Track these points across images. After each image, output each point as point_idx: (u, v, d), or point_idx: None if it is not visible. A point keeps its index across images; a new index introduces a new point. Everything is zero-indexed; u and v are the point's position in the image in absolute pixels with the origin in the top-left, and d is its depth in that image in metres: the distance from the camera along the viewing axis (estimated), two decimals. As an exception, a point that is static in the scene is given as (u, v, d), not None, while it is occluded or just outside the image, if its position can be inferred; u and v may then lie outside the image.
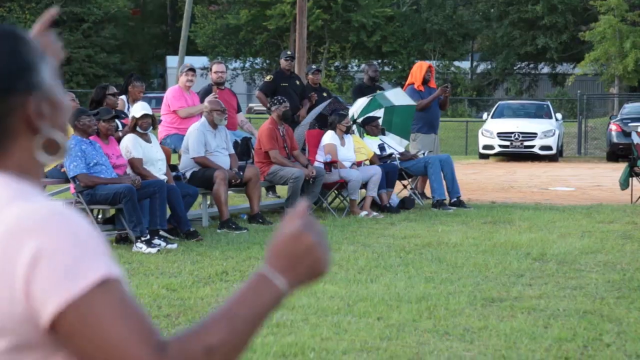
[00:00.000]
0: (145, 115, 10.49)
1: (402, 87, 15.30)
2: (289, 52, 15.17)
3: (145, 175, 10.20)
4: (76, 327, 1.42)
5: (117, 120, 10.62)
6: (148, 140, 10.56)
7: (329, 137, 12.91)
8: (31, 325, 1.43)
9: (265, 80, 14.74)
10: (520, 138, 26.43)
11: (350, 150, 12.99)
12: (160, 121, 12.61)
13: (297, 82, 14.50)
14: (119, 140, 10.59)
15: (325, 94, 14.80)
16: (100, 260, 1.45)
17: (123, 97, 12.04)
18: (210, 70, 13.48)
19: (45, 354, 1.46)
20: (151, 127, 10.69)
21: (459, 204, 13.41)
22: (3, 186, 1.51)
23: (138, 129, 10.52)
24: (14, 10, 48.36)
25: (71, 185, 10.00)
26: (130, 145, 10.40)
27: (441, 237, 10.59)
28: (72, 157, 9.57)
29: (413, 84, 14.93)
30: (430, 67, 15.22)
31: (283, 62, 14.51)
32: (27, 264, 1.41)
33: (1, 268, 1.43)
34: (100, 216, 10.77)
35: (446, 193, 13.55)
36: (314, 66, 15.87)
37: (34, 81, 1.54)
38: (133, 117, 10.55)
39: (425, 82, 14.88)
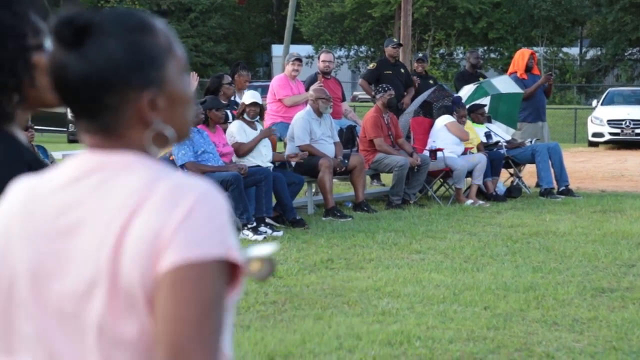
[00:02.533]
0: (254, 104, 10.58)
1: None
2: (394, 40, 15.09)
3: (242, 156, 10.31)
4: (168, 288, 1.46)
5: (227, 110, 10.75)
6: (254, 128, 10.65)
7: (447, 117, 12.81)
8: (151, 274, 1.47)
9: (369, 68, 14.69)
10: (632, 125, 25.82)
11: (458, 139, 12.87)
12: (266, 109, 12.70)
13: (402, 70, 14.41)
14: (226, 130, 10.71)
15: (430, 82, 14.69)
16: (231, 243, 1.51)
17: (231, 85, 12.15)
18: (318, 59, 13.51)
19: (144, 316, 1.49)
20: (258, 116, 10.78)
21: (568, 192, 13.17)
22: (146, 165, 1.56)
23: (245, 116, 10.61)
24: (124, 0, 49.33)
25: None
26: (235, 130, 10.50)
27: (549, 226, 10.42)
28: (181, 146, 9.71)
29: (516, 72, 14.70)
30: (532, 54, 14.95)
31: (390, 50, 14.42)
32: (185, 209, 1.48)
33: (155, 221, 1.48)
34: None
35: (554, 181, 13.32)
36: (420, 54, 15.75)
37: (152, 76, 1.56)
38: (242, 104, 10.65)
39: (528, 69, 14.64)
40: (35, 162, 2.12)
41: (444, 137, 12.79)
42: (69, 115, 26.39)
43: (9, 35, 2.07)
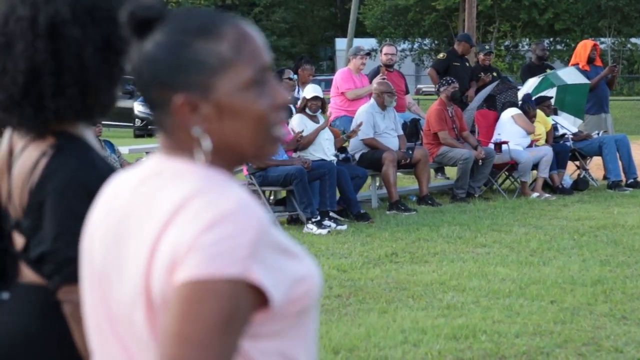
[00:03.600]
0: (315, 97, 10.59)
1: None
2: (487, 47, 15.06)
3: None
4: (178, 302, 1.41)
5: (290, 105, 10.75)
6: (316, 122, 10.66)
7: (513, 110, 12.71)
8: (168, 279, 1.44)
9: (439, 57, 14.59)
10: (702, 116, 25.34)
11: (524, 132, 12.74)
12: (330, 103, 12.70)
13: (467, 64, 14.33)
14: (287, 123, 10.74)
15: (495, 74, 14.57)
16: (252, 262, 1.42)
17: (295, 79, 12.18)
18: (381, 52, 13.47)
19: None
20: (320, 110, 10.78)
21: (636, 184, 12.96)
22: (194, 174, 1.52)
23: (307, 110, 10.63)
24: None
25: (244, 167, 10.21)
26: (295, 124, 10.52)
27: (617, 219, 10.27)
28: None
29: (578, 64, 14.51)
30: (595, 45, 14.73)
31: (464, 47, 14.20)
32: (199, 228, 1.42)
33: (176, 239, 1.44)
34: (272, 197, 10.96)
35: (622, 174, 13.12)
36: (486, 46, 15.61)
37: (193, 80, 1.51)
38: (304, 98, 10.67)
39: (590, 61, 14.44)
40: (107, 169, 2.16)
41: (510, 129, 12.66)
42: (136, 110, 26.60)
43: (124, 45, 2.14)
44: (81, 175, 2.11)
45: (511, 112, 12.73)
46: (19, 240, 2.17)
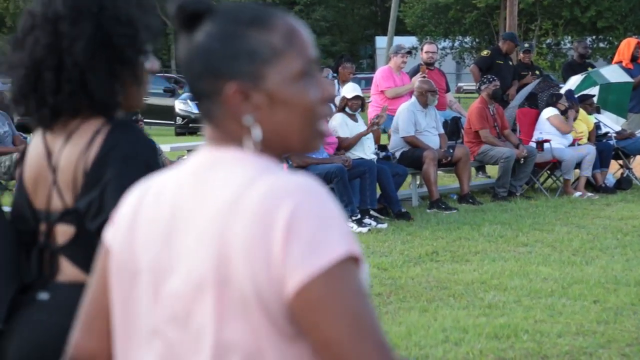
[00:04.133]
0: (356, 97, 10.57)
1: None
2: (526, 45, 14.97)
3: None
4: (306, 309, 1.42)
5: (330, 103, 10.75)
6: (355, 120, 10.64)
7: (550, 110, 12.61)
8: (277, 294, 1.43)
9: (482, 55, 14.52)
10: None
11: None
12: (370, 102, 12.68)
13: (510, 62, 14.25)
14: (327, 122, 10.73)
15: (537, 72, 14.47)
16: (346, 236, 1.45)
17: (334, 78, 12.17)
18: (421, 50, 13.42)
19: (285, 339, 1.46)
20: (360, 109, 10.76)
21: (680, 184, 12.83)
22: (247, 163, 1.53)
23: (347, 109, 10.61)
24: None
25: (284, 165, 10.22)
26: (337, 124, 10.51)
27: (661, 218, 10.16)
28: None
29: (621, 61, 14.35)
30: (638, 43, 14.56)
31: (509, 46, 14.12)
32: (282, 230, 1.42)
33: (257, 237, 1.44)
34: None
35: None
36: (526, 44, 15.50)
37: (245, 69, 1.53)
38: (344, 98, 10.66)
39: (634, 59, 14.27)
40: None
41: (550, 129, 12.58)
42: (177, 109, 26.75)
43: (120, 62, 2.18)
44: (142, 149, 2.16)
45: (547, 113, 12.63)
46: (66, 232, 2.17)
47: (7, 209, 2.32)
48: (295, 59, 1.55)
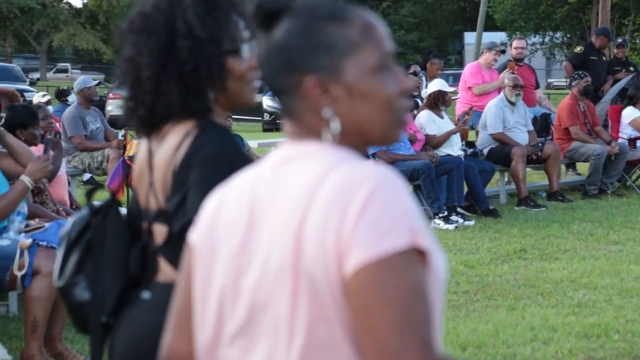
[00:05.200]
0: (441, 92, 10.51)
1: None
2: (619, 40, 14.70)
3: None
4: (359, 290, 1.42)
5: (416, 99, 10.74)
6: (441, 117, 10.58)
7: (631, 111, 12.37)
8: (337, 274, 1.44)
9: (576, 51, 14.29)
10: None
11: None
12: (457, 98, 12.59)
13: (604, 58, 14.00)
14: (414, 117, 10.70)
15: (631, 69, 14.18)
16: (414, 229, 1.45)
17: (422, 75, 12.12)
18: (511, 45, 13.27)
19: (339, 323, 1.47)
20: (446, 105, 10.70)
21: None
22: (325, 154, 1.55)
23: (439, 105, 10.56)
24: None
25: (371, 161, 10.20)
26: (424, 121, 10.47)
27: None
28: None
29: None
30: None
31: (602, 41, 13.89)
32: (354, 214, 1.44)
33: (329, 223, 1.45)
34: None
35: None
36: (619, 39, 15.21)
37: (324, 62, 1.56)
38: (430, 94, 10.60)
39: None
40: (244, 153, 2.25)
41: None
42: (265, 105, 26.95)
43: (208, 41, 2.22)
44: (226, 151, 2.19)
45: (629, 114, 12.35)
46: (161, 232, 2.22)
47: (98, 204, 2.38)
48: (372, 51, 1.58)
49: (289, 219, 1.50)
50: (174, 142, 2.22)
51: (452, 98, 11.07)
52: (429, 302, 1.44)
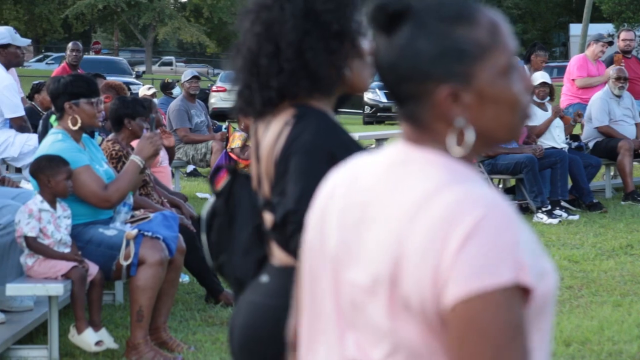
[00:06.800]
0: (543, 84, 10.37)
1: None
2: None
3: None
4: (457, 324, 1.40)
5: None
6: (544, 109, 10.43)
7: None
8: (437, 303, 1.42)
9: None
10: None
11: None
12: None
13: None
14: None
15: None
16: (520, 264, 1.40)
17: (525, 67, 11.96)
18: (618, 37, 12.99)
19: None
20: (548, 98, 10.54)
21: None
22: (440, 166, 1.51)
23: (535, 97, 10.41)
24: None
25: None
26: (527, 114, 10.34)
27: None
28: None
29: None
30: None
31: None
32: (456, 244, 1.40)
33: (430, 247, 1.42)
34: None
35: None
36: None
37: (456, 70, 1.49)
38: (534, 86, 10.45)
39: None
40: (348, 139, 2.26)
41: None
42: (365, 98, 26.94)
43: (333, 37, 2.23)
44: (323, 138, 2.20)
45: None
46: (269, 219, 2.25)
47: (201, 195, 2.44)
48: (500, 53, 1.53)
49: (393, 230, 1.47)
50: (274, 132, 2.24)
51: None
52: (526, 341, 1.40)
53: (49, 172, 5.02)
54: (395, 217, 1.47)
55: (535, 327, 1.46)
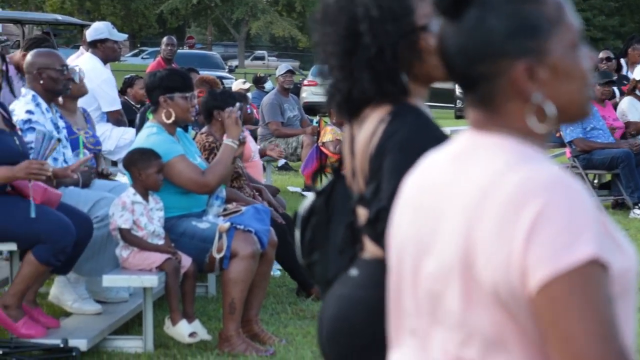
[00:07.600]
0: (643, 78, 10.17)
1: None
2: None
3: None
4: (548, 305, 1.39)
5: (613, 87, 10.45)
6: (646, 103, 10.23)
7: None
8: (520, 294, 1.42)
9: None
10: None
11: None
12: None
13: None
14: (615, 105, 10.40)
15: None
16: (596, 238, 1.40)
17: (622, 60, 11.73)
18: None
19: (527, 339, 1.44)
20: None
21: None
22: (506, 150, 1.51)
23: (637, 91, 10.21)
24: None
25: (567, 150, 9.98)
26: (625, 108, 10.17)
27: None
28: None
29: None
30: None
31: None
32: (526, 227, 1.40)
33: (501, 232, 1.42)
34: (596, 181, 10.64)
35: None
36: None
37: (529, 46, 1.51)
38: (633, 80, 10.27)
39: None
40: (441, 135, 2.26)
41: None
42: (457, 91, 26.80)
43: (388, 21, 2.22)
44: (418, 135, 2.20)
45: None
46: (363, 214, 2.26)
47: (292, 189, 2.46)
48: (568, 27, 1.55)
49: (462, 217, 1.48)
50: (369, 129, 2.24)
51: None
52: (615, 315, 1.40)
53: (140, 165, 5.11)
54: (464, 204, 1.48)
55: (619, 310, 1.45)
